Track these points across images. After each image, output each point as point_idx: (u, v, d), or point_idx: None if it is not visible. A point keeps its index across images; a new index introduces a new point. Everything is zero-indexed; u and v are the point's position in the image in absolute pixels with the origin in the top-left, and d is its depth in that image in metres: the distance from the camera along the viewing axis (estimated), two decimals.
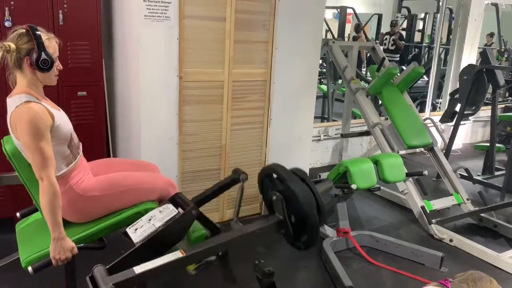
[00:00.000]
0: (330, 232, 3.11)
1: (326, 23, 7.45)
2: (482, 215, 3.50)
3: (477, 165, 4.98)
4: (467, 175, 4.04)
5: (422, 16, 11.69)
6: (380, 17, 11.50)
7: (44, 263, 1.77)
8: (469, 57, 5.84)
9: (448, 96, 5.00)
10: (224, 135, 3.17)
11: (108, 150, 3.28)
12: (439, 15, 6.34)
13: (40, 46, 1.74)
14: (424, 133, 3.83)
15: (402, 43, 9.22)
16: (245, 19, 3.04)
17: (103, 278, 1.59)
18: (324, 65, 7.32)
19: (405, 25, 10.70)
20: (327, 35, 8.04)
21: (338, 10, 9.34)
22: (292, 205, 1.83)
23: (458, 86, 4.54)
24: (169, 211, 1.90)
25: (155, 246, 1.83)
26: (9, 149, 1.82)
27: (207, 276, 2.16)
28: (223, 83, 3.07)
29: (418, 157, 5.35)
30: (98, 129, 3.13)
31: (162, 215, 1.88)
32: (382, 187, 3.80)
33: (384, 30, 10.41)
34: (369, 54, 8.48)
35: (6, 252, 2.60)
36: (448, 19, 8.49)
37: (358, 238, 3.01)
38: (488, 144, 4.71)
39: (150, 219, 1.87)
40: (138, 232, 1.84)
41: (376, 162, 2.88)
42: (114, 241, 2.02)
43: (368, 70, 4.80)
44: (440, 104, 6.45)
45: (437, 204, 3.55)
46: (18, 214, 2.09)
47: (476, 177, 4.37)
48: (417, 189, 3.51)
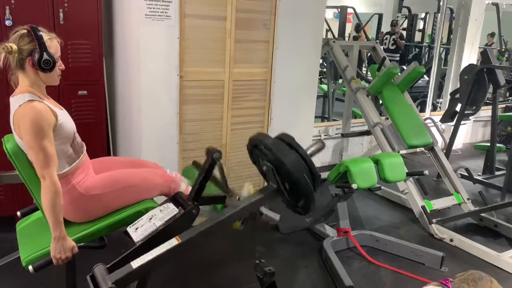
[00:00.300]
0: (331, 232, 3.11)
1: (327, 23, 7.43)
2: (483, 215, 3.49)
3: (478, 165, 4.98)
4: (468, 175, 4.04)
5: (423, 16, 11.68)
6: (381, 17, 11.51)
7: (45, 262, 1.77)
8: (470, 57, 5.84)
9: (449, 96, 4.99)
10: (225, 134, 3.17)
11: (109, 149, 3.28)
12: (440, 15, 6.34)
13: (42, 47, 1.74)
14: (425, 133, 3.83)
15: (403, 43, 9.23)
16: (246, 18, 3.04)
17: (104, 277, 1.59)
18: (325, 65, 7.32)
19: (406, 25, 10.69)
20: (328, 35, 8.03)
21: (339, 10, 9.33)
22: (283, 173, 1.79)
23: (459, 86, 4.54)
24: (170, 210, 1.90)
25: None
26: (10, 148, 1.82)
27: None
28: (224, 83, 3.07)
29: (419, 157, 5.35)
30: (99, 128, 3.13)
31: (163, 214, 1.87)
32: (383, 187, 3.80)
33: (385, 30, 10.41)
34: (370, 54, 8.49)
35: (7, 251, 2.60)
36: (449, 19, 8.47)
37: (359, 238, 3.01)
38: (489, 144, 4.71)
39: (151, 218, 1.87)
40: (139, 231, 1.84)
41: (377, 162, 2.88)
42: (115, 240, 2.02)
43: (369, 70, 4.80)
44: (441, 104, 6.45)
45: (438, 204, 3.55)
46: (19, 213, 2.08)
47: (477, 177, 4.37)
48: (418, 189, 3.51)
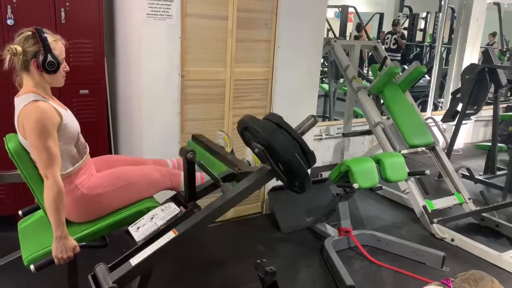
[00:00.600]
0: (332, 231, 3.11)
1: (328, 22, 7.42)
2: (484, 215, 3.49)
3: (479, 165, 4.97)
4: (469, 175, 4.04)
5: (424, 15, 11.67)
6: (382, 16, 11.49)
7: (46, 262, 1.77)
8: (471, 57, 5.83)
9: (450, 96, 4.99)
10: None
11: (110, 149, 3.28)
12: (441, 14, 6.32)
13: (46, 48, 1.74)
14: (426, 133, 3.82)
15: (404, 42, 9.22)
16: (247, 18, 3.03)
17: (105, 277, 1.59)
18: (326, 64, 7.31)
19: (407, 24, 10.68)
20: (329, 34, 8.02)
21: (340, 9, 9.32)
22: (274, 155, 1.77)
23: (460, 86, 4.53)
24: (171, 210, 1.90)
25: None
26: (12, 147, 1.82)
27: None
28: (225, 82, 3.07)
29: (420, 157, 5.35)
30: (100, 128, 3.13)
31: (164, 214, 1.87)
32: (384, 187, 3.80)
33: (386, 29, 10.40)
34: (371, 53, 8.48)
35: (8, 250, 2.61)
36: (450, 18, 8.46)
37: (360, 237, 3.01)
38: (490, 144, 4.70)
39: (152, 218, 1.87)
40: (140, 231, 1.84)
41: (378, 162, 2.88)
42: (116, 240, 2.02)
43: (370, 69, 4.80)
44: (442, 104, 6.44)
45: (439, 204, 3.55)
46: (20, 212, 2.09)
47: (478, 177, 4.37)
48: (419, 189, 3.50)
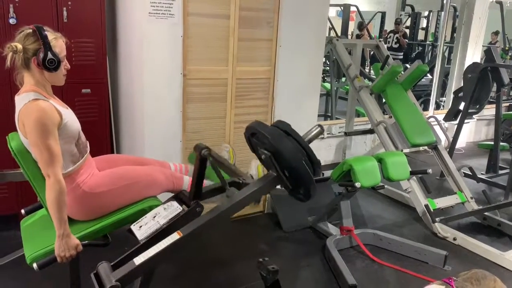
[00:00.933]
0: (334, 230, 3.11)
1: (330, 21, 7.42)
2: (486, 214, 3.49)
3: (481, 164, 4.96)
4: (471, 174, 4.03)
5: (426, 14, 11.65)
6: (384, 15, 11.49)
7: (49, 260, 1.77)
8: (474, 55, 5.82)
9: (452, 95, 4.99)
10: (228, 133, 3.17)
11: (112, 148, 3.28)
12: (443, 13, 6.31)
13: (47, 46, 1.74)
14: (428, 132, 3.82)
15: (406, 41, 9.21)
16: (249, 17, 3.03)
17: (108, 275, 1.59)
18: (328, 63, 7.31)
19: (409, 23, 10.67)
20: (331, 33, 8.03)
21: (342, 8, 9.32)
22: (281, 161, 1.77)
23: (462, 85, 4.53)
24: (174, 208, 1.90)
25: None
26: (15, 146, 1.83)
27: None
28: (227, 81, 3.07)
29: (422, 156, 5.34)
30: (102, 126, 3.13)
31: (167, 212, 1.88)
32: (386, 186, 3.78)
33: (388, 28, 10.39)
34: (372, 52, 8.47)
35: (11, 249, 2.61)
36: (452, 17, 8.46)
37: (362, 236, 3.01)
38: (492, 143, 4.69)
39: (155, 216, 1.87)
40: (143, 229, 1.84)
41: (380, 160, 2.88)
42: (119, 238, 2.02)
43: (372, 68, 4.80)
44: (444, 103, 6.43)
45: (441, 203, 3.55)
46: (23, 211, 2.09)
47: (480, 176, 4.35)
48: (421, 188, 3.50)
